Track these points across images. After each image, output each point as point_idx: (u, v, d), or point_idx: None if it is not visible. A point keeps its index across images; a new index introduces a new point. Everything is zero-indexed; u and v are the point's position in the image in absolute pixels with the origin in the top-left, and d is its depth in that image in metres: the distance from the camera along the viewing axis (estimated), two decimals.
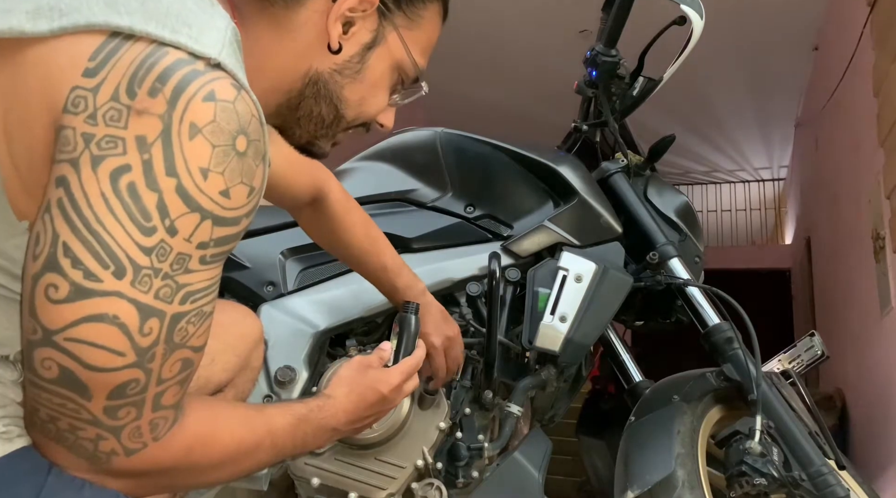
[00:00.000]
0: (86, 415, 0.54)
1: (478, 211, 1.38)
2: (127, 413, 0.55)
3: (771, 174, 7.00)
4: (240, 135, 0.55)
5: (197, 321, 0.57)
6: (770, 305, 5.08)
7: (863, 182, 2.84)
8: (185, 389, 0.61)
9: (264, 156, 0.58)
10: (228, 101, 0.54)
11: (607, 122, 1.47)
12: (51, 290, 0.51)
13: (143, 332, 0.53)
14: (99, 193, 0.51)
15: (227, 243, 0.57)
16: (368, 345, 1.27)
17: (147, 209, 0.52)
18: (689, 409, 1.19)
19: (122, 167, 0.51)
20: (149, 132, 0.51)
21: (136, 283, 0.52)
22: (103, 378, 0.53)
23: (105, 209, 0.51)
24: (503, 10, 4.04)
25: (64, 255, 0.51)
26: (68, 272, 0.51)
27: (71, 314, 0.51)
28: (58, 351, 0.52)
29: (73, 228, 0.51)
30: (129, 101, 0.51)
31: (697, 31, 1.37)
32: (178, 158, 0.52)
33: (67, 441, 0.56)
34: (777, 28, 4.06)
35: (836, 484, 1.08)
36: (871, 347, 2.76)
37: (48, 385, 0.53)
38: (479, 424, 1.24)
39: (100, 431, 0.55)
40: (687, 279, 1.34)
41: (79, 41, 0.53)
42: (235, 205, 0.55)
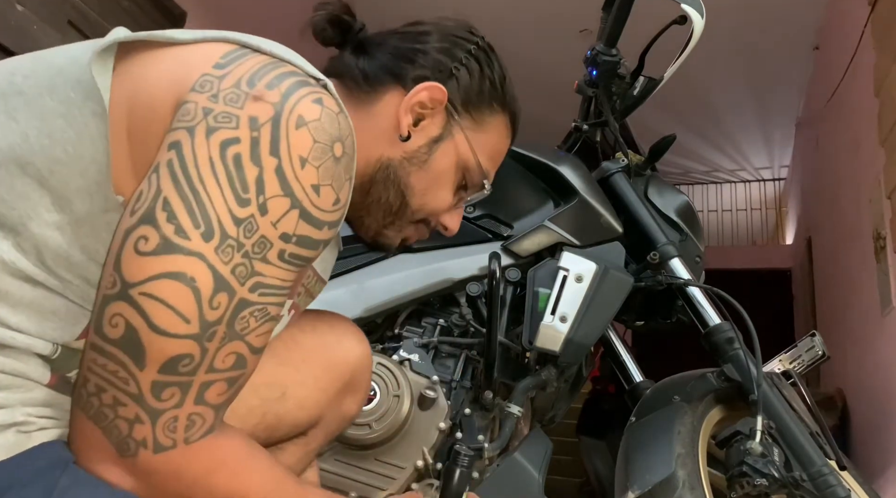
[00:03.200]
0: (133, 387, 0.54)
1: (478, 211, 1.37)
2: (171, 395, 0.55)
3: (771, 174, 6.99)
4: (338, 142, 0.59)
5: (260, 318, 0.57)
6: (771, 305, 5.07)
7: (863, 182, 2.84)
8: (232, 394, 0.59)
9: (352, 178, 0.63)
10: (333, 111, 0.59)
11: (608, 121, 1.47)
12: (141, 242, 0.53)
13: (212, 303, 0.54)
14: (207, 158, 0.54)
15: (307, 247, 0.59)
16: None
17: (246, 180, 0.55)
18: (689, 409, 1.19)
19: (232, 139, 0.55)
20: (261, 114, 0.56)
21: (220, 250, 0.54)
22: (163, 344, 0.53)
23: (210, 172, 0.54)
24: (503, 10, 4.04)
25: (162, 208, 0.53)
26: (162, 225, 0.53)
27: (153, 267, 0.53)
28: (130, 305, 0.53)
29: (177, 185, 0.54)
30: (249, 89, 0.57)
31: (698, 31, 1.37)
32: (283, 142, 0.56)
33: (105, 419, 0.55)
34: (777, 28, 4.06)
35: (836, 484, 1.08)
36: (871, 347, 2.76)
37: (109, 346, 0.54)
38: (479, 424, 1.24)
39: (140, 410, 0.54)
40: (687, 279, 1.34)
41: (214, 46, 0.61)
42: (322, 205, 0.58)
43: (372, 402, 1.11)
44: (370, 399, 1.11)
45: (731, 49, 4.17)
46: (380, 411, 1.10)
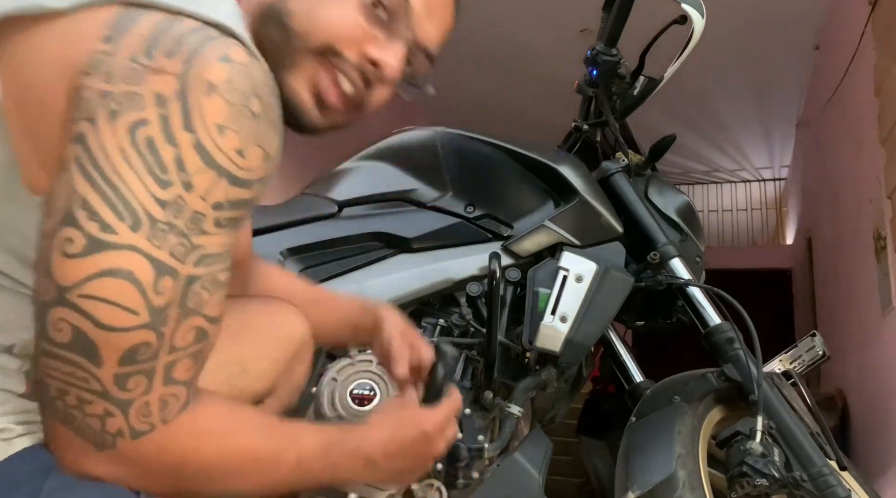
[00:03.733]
0: (95, 385, 0.53)
1: (478, 211, 1.37)
2: (137, 384, 0.54)
3: (772, 174, 6.99)
4: (254, 97, 0.55)
5: (211, 288, 0.56)
6: (771, 305, 5.07)
7: (864, 182, 2.84)
8: (200, 366, 0.59)
9: (279, 127, 0.59)
10: (243, 65, 0.55)
11: (608, 121, 1.47)
12: (66, 244, 0.51)
13: (157, 290, 0.53)
14: (116, 147, 0.51)
15: (240, 208, 0.57)
16: (368, 345, 1.27)
17: (164, 162, 0.52)
18: (689, 409, 1.19)
19: (139, 121, 0.52)
20: (166, 89, 0.52)
21: (151, 237, 0.52)
22: (115, 339, 0.52)
23: (122, 162, 0.51)
24: (503, 10, 4.04)
25: (81, 207, 0.51)
26: (84, 224, 0.51)
27: (86, 269, 0.51)
28: (71, 309, 0.51)
29: (91, 181, 0.51)
30: (147, 61, 0.52)
31: (698, 31, 1.37)
32: (196, 114, 0.53)
33: (75, 420, 0.54)
34: (778, 28, 4.06)
35: (837, 485, 1.08)
36: (872, 347, 2.76)
37: (60, 351, 0.52)
38: (480, 424, 1.24)
39: (108, 404, 0.53)
40: (688, 279, 1.34)
41: (96, 13, 0.54)
42: (250, 166, 0.56)
43: (372, 402, 1.11)
44: (370, 399, 1.11)
45: (731, 49, 4.17)
46: None
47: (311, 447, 0.67)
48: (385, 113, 2.05)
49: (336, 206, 1.38)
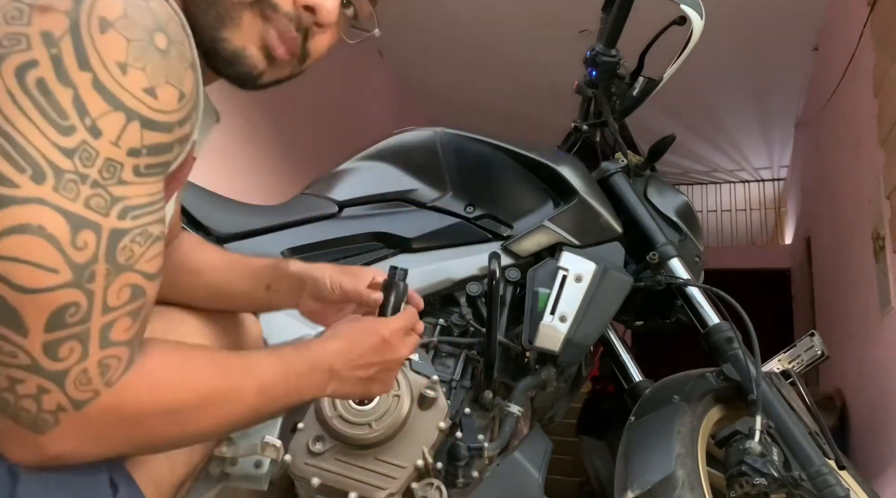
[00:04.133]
0: (23, 358, 0.48)
1: (478, 211, 1.38)
2: (70, 351, 0.49)
3: (771, 174, 7.00)
4: (158, 32, 0.51)
5: (143, 242, 0.52)
6: (770, 304, 5.07)
7: (863, 182, 2.84)
8: (141, 324, 0.55)
9: (193, 64, 0.55)
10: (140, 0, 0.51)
11: (607, 122, 1.47)
12: None
13: (75, 245, 0.48)
14: (5, 92, 0.47)
15: (161, 153, 0.53)
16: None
17: (61, 106, 0.48)
18: (689, 409, 1.19)
19: (27, 63, 0.47)
20: (55, 27, 0.47)
21: (59, 188, 0.48)
22: (37, 301, 0.48)
23: (13, 107, 0.47)
24: (503, 10, 4.04)
25: None
26: None
27: None
28: None
29: None
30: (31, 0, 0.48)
31: (697, 31, 1.37)
32: (91, 52, 0.48)
33: (8, 406, 0.49)
34: (777, 28, 4.06)
35: (836, 484, 1.08)
36: (871, 347, 2.76)
37: None
38: (479, 424, 1.24)
39: (41, 380, 0.49)
40: (687, 279, 1.34)
41: None
42: (164, 107, 0.52)
43: (372, 401, 1.11)
44: (370, 398, 1.12)
45: (730, 49, 4.18)
46: (380, 411, 1.10)
47: (269, 372, 0.64)
48: (385, 113, 2.09)
49: (336, 206, 1.39)
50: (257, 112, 3.17)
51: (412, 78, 4.97)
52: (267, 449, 1.10)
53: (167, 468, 0.90)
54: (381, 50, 4.54)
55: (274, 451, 1.11)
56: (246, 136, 3.14)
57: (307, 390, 0.69)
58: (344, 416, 1.11)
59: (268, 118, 3.27)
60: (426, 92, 5.17)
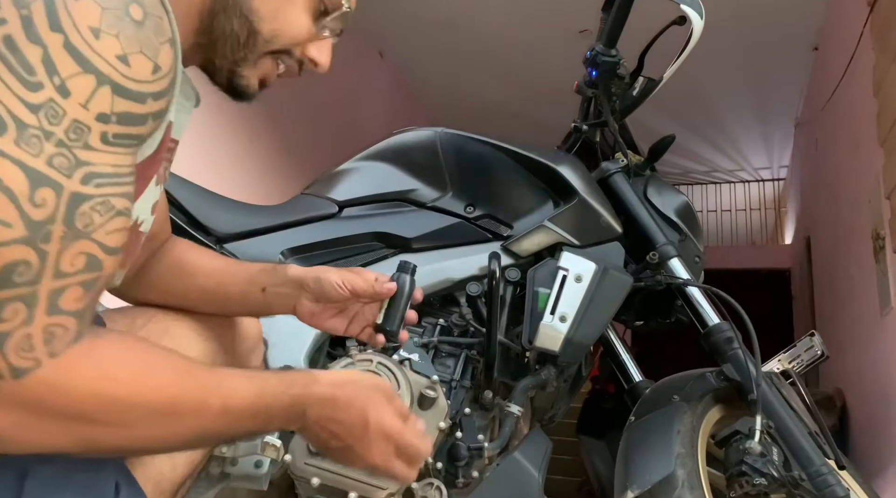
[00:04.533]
0: None
1: (478, 211, 1.38)
2: (15, 312, 0.47)
3: (771, 174, 7.00)
4: (132, 4, 0.50)
5: (105, 212, 0.50)
6: (770, 304, 5.08)
7: (862, 182, 2.84)
8: (93, 299, 0.52)
9: (171, 40, 0.54)
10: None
11: (607, 122, 1.47)
12: None
13: (33, 201, 0.47)
14: None
15: (132, 124, 0.52)
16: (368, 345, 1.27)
17: (29, 62, 0.46)
18: (689, 409, 1.19)
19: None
20: None
21: (20, 142, 0.46)
22: None
23: None
24: (503, 10, 4.04)
25: None
26: None
27: None
28: None
29: None
30: None
31: (697, 31, 1.37)
32: (63, 14, 0.47)
33: None
34: (777, 28, 4.06)
35: (835, 484, 1.08)
36: (871, 347, 2.76)
37: None
38: (479, 424, 1.24)
39: None
40: (687, 279, 1.34)
41: None
42: (137, 76, 0.51)
43: None
44: None
45: (730, 49, 4.18)
46: None
47: (240, 394, 0.61)
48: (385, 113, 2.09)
49: (336, 207, 1.39)
50: (257, 112, 3.18)
51: (412, 78, 4.97)
52: (267, 449, 1.11)
53: (169, 467, 0.90)
54: (381, 51, 4.54)
55: (274, 451, 1.11)
56: (246, 136, 3.15)
57: (275, 422, 0.65)
58: None
59: (268, 118, 3.28)
60: (426, 92, 5.17)
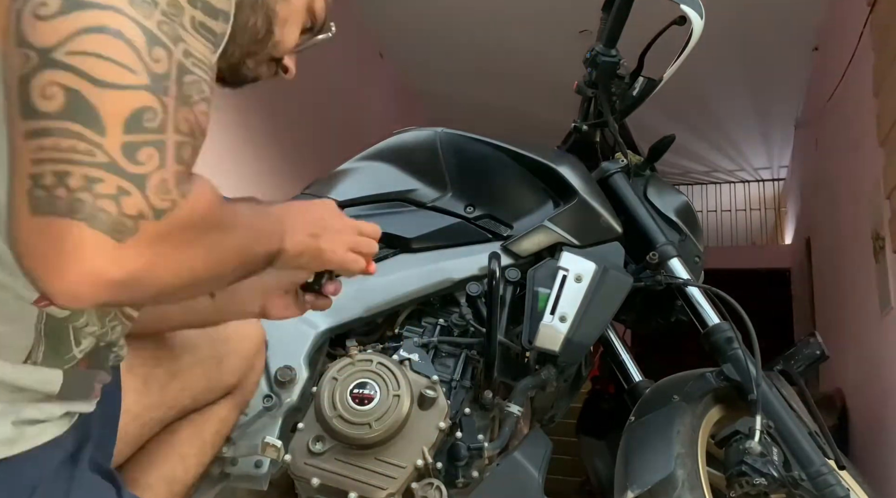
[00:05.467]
0: (101, 157, 0.46)
1: (478, 211, 1.38)
2: (149, 157, 0.48)
3: (771, 174, 7.00)
4: None
5: (198, 93, 0.52)
6: (770, 304, 5.07)
7: (862, 182, 2.84)
8: (194, 161, 0.54)
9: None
10: None
11: (607, 122, 1.47)
12: (41, 7, 0.45)
13: (151, 56, 0.48)
14: None
15: (211, 15, 0.54)
16: (369, 345, 1.27)
17: None
18: (688, 409, 1.19)
19: None
20: None
21: (134, 4, 0.48)
22: (116, 98, 0.46)
23: None
24: (503, 10, 4.04)
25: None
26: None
27: (68, 26, 0.45)
28: (61, 69, 0.45)
29: None
30: None
31: (697, 31, 1.37)
32: None
33: (84, 207, 0.45)
34: (777, 28, 4.06)
35: (835, 484, 1.08)
36: (871, 347, 2.76)
37: (53, 122, 0.45)
38: (479, 424, 1.24)
39: (121, 180, 0.46)
40: (687, 279, 1.34)
41: None
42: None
43: (372, 401, 1.11)
44: (370, 398, 1.12)
45: (730, 49, 4.18)
46: (380, 411, 1.10)
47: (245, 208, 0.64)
48: (385, 113, 2.09)
49: None
50: (257, 112, 3.18)
51: (412, 78, 4.97)
52: (267, 449, 1.11)
53: (181, 469, 0.94)
54: (381, 51, 4.54)
55: (274, 451, 1.11)
56: (246, 136, 3.14)
57: (264, 239, 0.66)
58: (344, 416, 1.11)
59: (268, 119, 3.28)
60: (426, 92, 5.17)
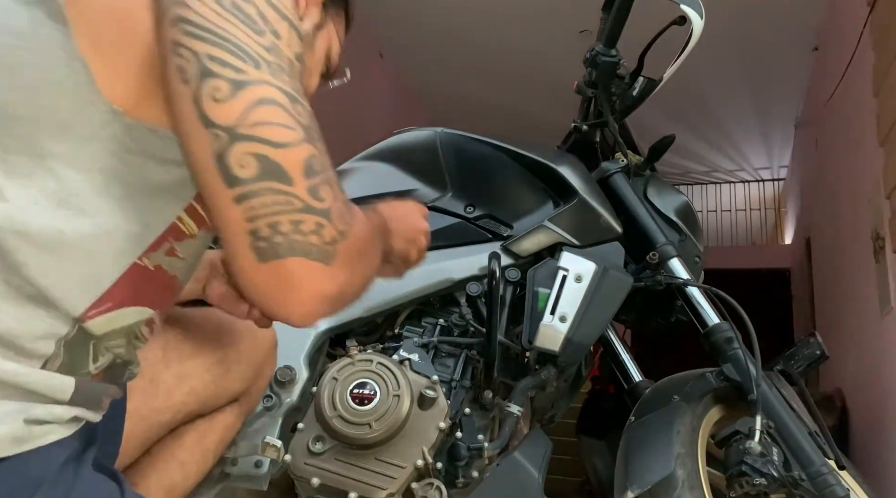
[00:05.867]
0: (298, 203, 0.58)
1: (478, 211, 1.38)
2: (326, 193, 0.60)
3: (771, 174, 7.00)
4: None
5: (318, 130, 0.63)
6: (770, 305, 5.07)
7: (862, 182, 2.84)
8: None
9: None
10: None
11: (607, 122, 1.47)
12: (216, 92, 0.57)
13: (297, 112, 0.59)
14: (212, 12, 0.59)
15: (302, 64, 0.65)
16: (368, 345, 1.27)
17: (251, 16, 0.60)
18: (688, 409, 1.19)
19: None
20: None
21: (272, 73, 0.59)
22: (292, 154, 0.58)
23: (222, 20, 0.59)
24: (503, 10, 4.04)
25: (211, 61, 0.58)
26: (221, 73, 0.57)
27: (241, 104, 0.57)
28: (247, 141, 0.57)
29: (208, 41, 0.58)
30: None
31: (697, 31, 1.37)
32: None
33: (299, 246, 0.58)
34: (777, 28, 4.06)
35: (835, 484, 1.08)
36: (871, 347, 2.76)
37: (255, 185, 0.57)
38: (479, 424, 1.24)
39: (316, 217, 0.59)
40: (687, 279, 1.34)
41: None
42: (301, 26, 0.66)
43: (372, 401, 1.11)
44: (370, 398, 1.12)
45: (730, 49, 4.18)
46: (380, 411, 1.10)
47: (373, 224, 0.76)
48: (385, 113, 2.08)
49: None
50: None
51: (412, 78, 4.97)
52: (267, 449, 1.11)
53: (181, 476, 0.95)
54: (381, 51, 4.54)
55: (274, 451, 1.11)
56: None
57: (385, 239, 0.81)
58: (344, 416, 1.11)
59: None
60: (426, 92, 5.17)
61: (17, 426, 0.55)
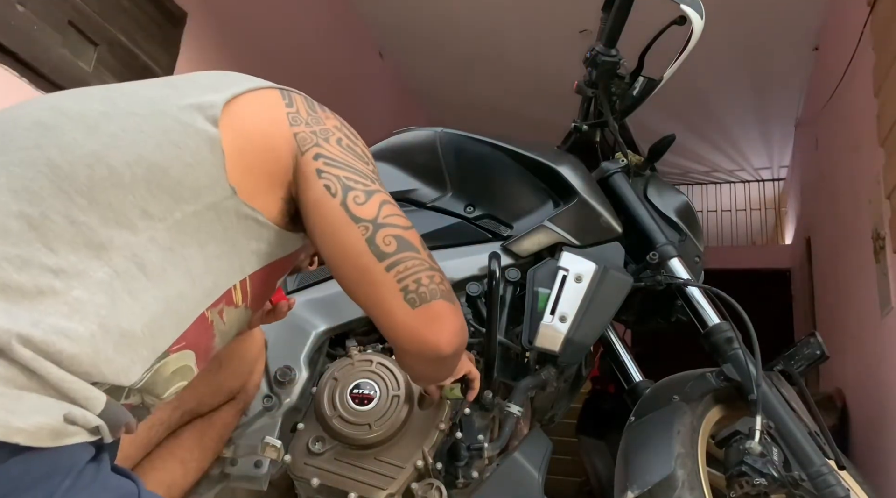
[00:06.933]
0: (425, 263, 0.79)
1: (478, 211, 1.38)
2: (431, 255, 0.81)
3: (771, 174, 6.99)
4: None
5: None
6: (770, 305, 5.07)
7: (863, 182, 2.84)
8: None
9: None
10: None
11: (607, 122, 1.47)
12: (357, 198, 0.80)
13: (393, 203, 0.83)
14: (338, 150, 0.83)
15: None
16: (368, 345, 1.27)
17: (359, 153, 0.85)
18: (689, 409, 1.19)
19: (337, 138, 0.85)
20: (332, 124, 0.86)
21: (380, 185, 0.83)
22: (412, 231, 0.81)
23: (346, 156, 0.83)
24: (503, 10, 4.04)
25: (347, 180, 0.81)
26: (357, 186, 0.81)
27: (374, 205, 0.80)
28: (386, 227, 0.79)
29: (343, 169, 0.82)
30: (320, 112, 0.86)
31: (697, 31, 1.37)
32: (352, 132, 0.88)
33: (436, 292, 0.78)
34: (777, 28, 4.06)
35: (836, 484, 1.08)
36: (871, 347, 2.76)
37: (397, 256, 0.78)
38: (479, 424, 1.24)
39: (436, 273, 0.80)
40: (687, 279, 1.34)
41: (265, 93, 0.84)
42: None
43: (372, 402, 1.11)
44: (370, 398, 1.12)
45: (731, 49, 4.18)
46: (380, 411, 1.10)
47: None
48: (385, 113, 2.08)
49: None
50: None
51: (412, 78, 4.97)
52: (267, 449, 1.11)
53: (181, 474, 1.01)
54: (381, 51, 4.54)
55: (274, 451, 1.11)
56: None
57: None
58: (344, 416, 1.11)
59: None
60: (426, 92, 5.17)
61: (57, 421, 0.61)
